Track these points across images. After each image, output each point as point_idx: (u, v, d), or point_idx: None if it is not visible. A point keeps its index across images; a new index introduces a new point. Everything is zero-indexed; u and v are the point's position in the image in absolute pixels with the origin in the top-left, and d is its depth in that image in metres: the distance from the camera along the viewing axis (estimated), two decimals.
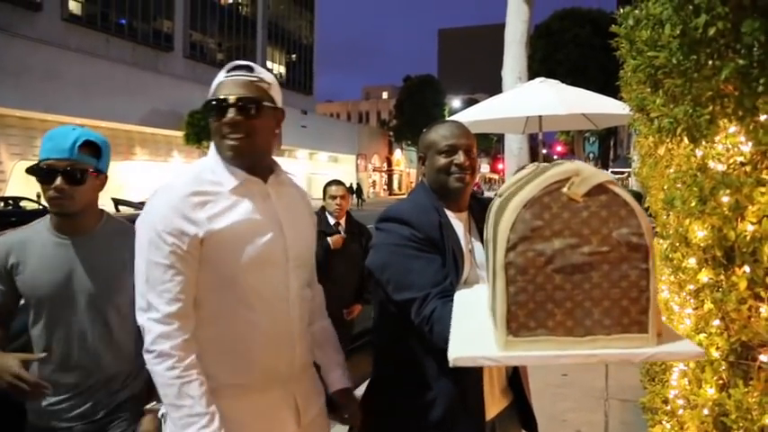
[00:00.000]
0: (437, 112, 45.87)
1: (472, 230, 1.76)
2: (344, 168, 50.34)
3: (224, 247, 1.45)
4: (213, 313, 1.48)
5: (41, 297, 1.75)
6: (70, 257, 1.77)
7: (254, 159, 1.55)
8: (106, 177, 1.85)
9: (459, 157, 1.68)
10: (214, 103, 1.49)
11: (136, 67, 32.40)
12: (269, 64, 49.43)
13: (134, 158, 33.20)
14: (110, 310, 1.80)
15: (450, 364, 1.07)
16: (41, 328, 1.78)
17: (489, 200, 1.74)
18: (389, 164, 63.32)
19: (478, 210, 1.77)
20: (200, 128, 30.62)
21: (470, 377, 1.60)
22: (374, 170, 59.49)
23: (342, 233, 4.04)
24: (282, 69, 51.79)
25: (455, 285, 1.59)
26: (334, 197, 4.03)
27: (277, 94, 1.59)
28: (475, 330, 1.22)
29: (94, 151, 1.78)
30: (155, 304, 1.41)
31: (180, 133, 31.67)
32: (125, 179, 31.69)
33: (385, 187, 61.01)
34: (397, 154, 63.46)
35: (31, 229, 1.84)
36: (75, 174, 1.71)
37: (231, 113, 1.47)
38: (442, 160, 1.70)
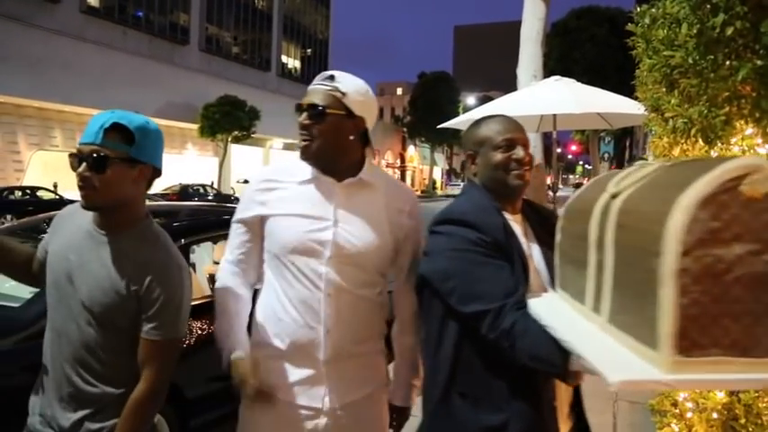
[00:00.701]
0: (451, 110, 45.71)
1: (528, 233, 1.66)
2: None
3: (276, 228, 1.72)
4: (268, 281, 1.80)
5: (52, 279, 1.60)
6: (92, 253, 1.57)
7: (321, 160, 1.70)
8: (150, 169, 1.59)
9: (519, 152, 1.57)
10: (297, 106, 1.73)
11: (152, 60, 32.64)
12: (284, 58, 49.55)
13: None
14: (105, 324, 1.56)
15: (613, 389, 0.94)
16: (51, 311, 1.63)
17: (532, 202, 1.75)
18: (403, 160, 63.28)
19: (529, 211, 1.70)
20: (214, 121, 30.80)
21: (545, 398, 1.50)
22: (387, 166, 59.48)
23: None
24: (297, 64, 51.87)
25: (524, 294, 1.45)
26: None
27: (355, 103, 1.69)
28: (605, 348, 1.06)
29: (125, 137, 1.50)
30: (226, 253, 1.86)
31: (194, 126, 31.86)
32: None
33: None
34: (411, 150, 63.40)
35: (68, 212, 1.72)
36: (97, 160, 1.48)
37: (301, 118, 1.69)
38: (499, 156, 1.57)
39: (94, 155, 1.48)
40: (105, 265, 1.55)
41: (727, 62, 1.38)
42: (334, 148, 1.68)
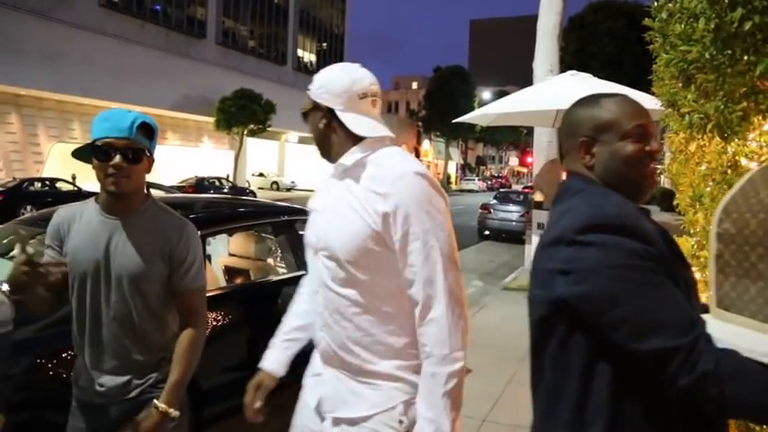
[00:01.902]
0: (466, 104, 45.47)
1: None
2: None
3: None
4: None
5: (79, 272, 1.79)
6: (111, 237, 1.79)
7: (323, 156, 1.70)
8: (153, 160, 1.87)
9: (653, 144, 1.26)
10: None
11: (169, 53, 32.88)
12: (299, 52, 49.60)
13: (165, 143, 33.72)
14: (136, 296, 1.81)
15: None
16: (76, 305, 1.83)
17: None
18: (417, 154, 63.11)
19: None
20: (230, 114, 30.99)
21: None
22: None
23: None
24: (313, 58, 51.91)
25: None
26: None
27: (318, 95, 1.64)
28: None
29: (149, 133, 1.81)
30: None
31: (211, 119, 32.08)
32: (156, 163, 32.23)
33: None
34: (426, 144, 63.25)
35: (82, 205, 1.89)
36: (133, 153, 1.73)
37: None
38: (630, 147, 1.24)
39: (128, 147, 1.71)
40: (133, 241, 1.78)
41: (745, 57, 1.37)
42: (319, 143, 1.69)
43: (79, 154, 1.81)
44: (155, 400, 1.76)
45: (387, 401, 1.50)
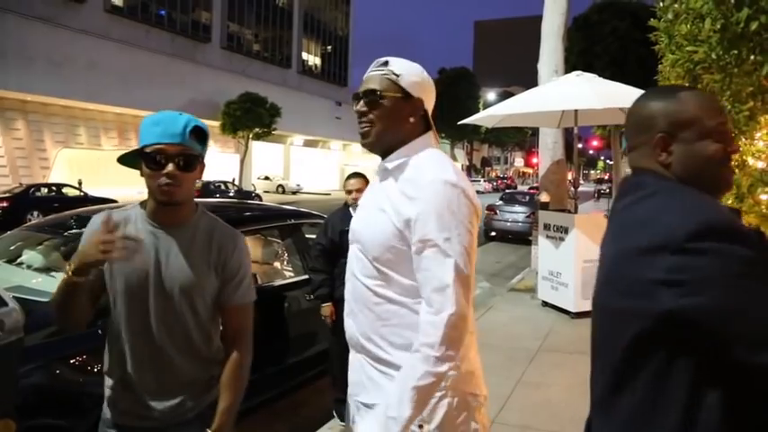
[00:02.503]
0: (471, 105, 45.46)
1: None
2: (378, 160, 50.32)
3: None
4: None
5: (125, 285, 1.63)
6: (160, 249, 1.65)
7: (382, 145, 1.63)
8: (204, 166, 1.72)
9: (734, 144, 1.21)
10: (355, 95, 1.67)
11: (175, 58, 33.06)
12: (304, 55, 49.76)
13: None
14: (188, 310, 1.67)
15: None
16: (122, 319, 1.66)
17: None
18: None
19: None
20: (235, 118, 31.11)
21: None
22: None
23: None
24: (318, 61, 52.04)
25: None
26: (350, 191, 3.94)
27: (411, 84, 1.61)
28: None
29: (202, 138, 1.66)
30: None
31: (216, 123, 32.21)
32: None
33: None
34: None
35: (125, 212, 1.71)
36: (187, 160, 1.58)
37: (359, 105, 1.62)
38: (713, 147, 1.17)
39: (182, 154, 1.58)
40: (185, 253, 1.65)
41: (752, 57, 1.37)
42: (395, 133, 1.61)
43: (125, 160, 1.68)
44: (207, 430, 1.61)
45: None
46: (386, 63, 1.62)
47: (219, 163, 36.00)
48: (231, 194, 26.40)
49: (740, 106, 1.43)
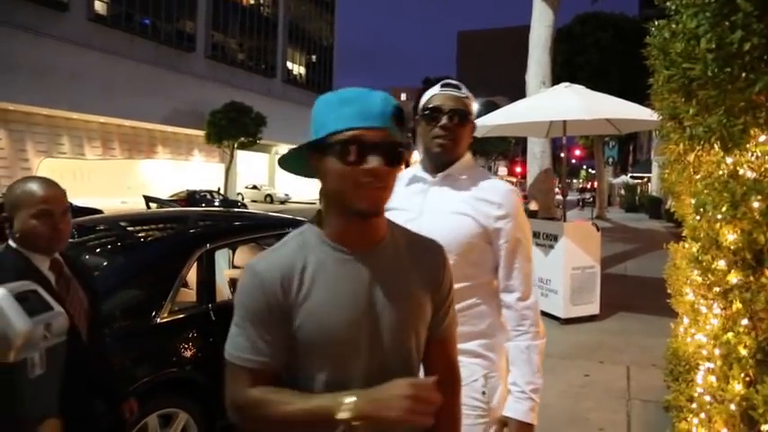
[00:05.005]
0: None
1: None
2: None
3: None
4: None
5: (326, 340, 1.12)
6: (361, 281, 1.15)
7: (451, 159, 1.81)
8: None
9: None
10: (428, 111, 1.81)
11: (158, 67, 32.93)
12: (289, 65, 49.81)
13: (156, 157, 33.71)
14: (413, 354, 1.23)
15: None
16: (319, 384, 1.14)
17: None
18: (407, 165, 63.21)
19: None
20: (220, 127, 31.03)
21: None
22: None
23: None
24: (302, 70, 52.12)
25: None
26: None
27: (474, 109, 1.85)
28: None
29: (402, 121, 1.16)
30: None
31: (201, 132, 32.11)
32: (147, 177, 32.20)
33: None
34: (416, 155, 63.46)
35: (297, 242, 1.18)
36: (393, 150, 1.10)
37: (445, 120, 1.77)
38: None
39: (386, 142, 1.10)
40: (397, 281, 1.20)
41: (744, 75, 1.48)
42: (464, 149, 1.82)
43: (287, 160, 1.22)
44: None
45: (469, 376, 1.68)
46: (457, 86, 1.82)
47: (204, 173, 35.87)
48: (217, 204, 26.29)
49: (734, 120, 1.54)
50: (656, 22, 1.88)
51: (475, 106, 1.94)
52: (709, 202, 1.78)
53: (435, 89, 1.84)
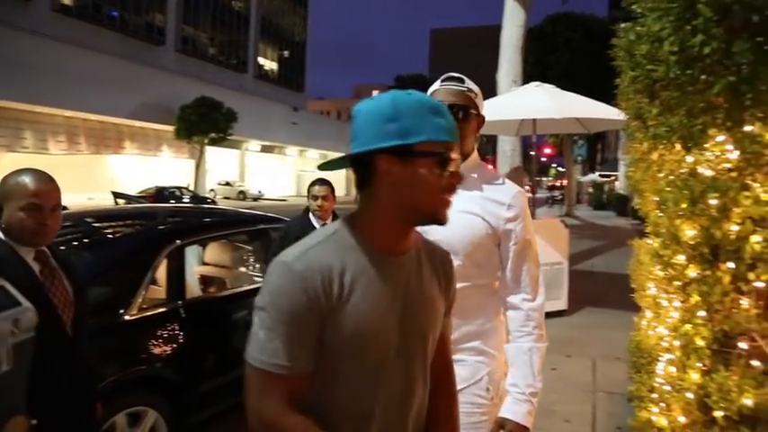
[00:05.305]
0: None
1: None
2: None
3: None
4: None
5: (363, 342, 1.11)
6: (396, 285, 1.16)
7: (461, 155, 1.78)
8: None
9: None
10: None
11: (127, 60, 32.28)
12: (261, 60, 49.35)
13: (123, 152, 33.02)
14: (428, 353, 1.26)
15: None
16: (365, 386, 1.14)
17: None
18: None
19: None
20: (190, 122, 30.58)
21: None
22: None
23: None
24: (274, 66, 51.69)
25: None
26: (315, 197, 3.86)
27: (480, 103, 1.78)
28: None
29: None
30: None
31: (170, 128, 31.58)
32: (115, 172, 31.54)
33: None
34: None
35: (333, 242, 1.14)
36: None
37: None
38: None
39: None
40: (424, 285, 1.23)
41: (704, 77, 1.54)
42: (470, 146, 1.76)
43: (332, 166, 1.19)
44: None
45: (474, 375, 1.72)
46: (461, 80, 1.76)
47: (173, 168, 35.28)
48: (186, 200, 25.92)
49: (694, 120, 1.60)
50: (623, 25, 1.93)
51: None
52: (670, 198, 1.85)
53: (436, 84, 1.79)
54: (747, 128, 1.57)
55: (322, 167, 1.23)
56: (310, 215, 3.87)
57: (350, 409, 1.12)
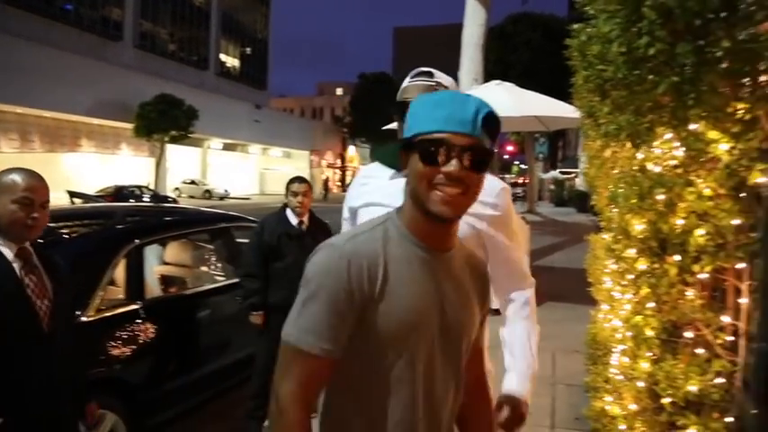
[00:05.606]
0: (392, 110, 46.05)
1: None
2: (298, 164, 50.05)
3: None
4: None
5: (402, 334, 1.13)
6: (438, 282, 1.19)
7: None
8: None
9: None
10: (399, 104, 1.70)
11: (82, 56, 31.30)
12: (222, 56, 48.59)
13: (80, 150, 32.04)
14: (463, 356, 1.27)
15: None
16: (402, 382, 1.16)
17: None
18: (343, 160, 63.33)
19: None
20: (150, 120, 29.88)
21: None
22: (328, 166, 59.39)
23: (304, 230, 3.95)
24: (236, 63, 50.98)
25: None
26: (296, 194, 3.86)
27: None
28: None
29: (493, 132, 1.17)
30: None
31: (129, 125, 30.78)
32: (71, 171, 30.59)
33: (338, 183, 60.98)
34: (351, 150, 63.52)
35: (381, 231, 1.18)
36: (478, 157, 1.12)
37: None
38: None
39: (474, 149, 1.12)
40: (462, 285, 1.25)
41: (650, 77, 1.60)
42: None
43: (384, 155, 1.32)
44: None
45: None
46: (430, 74, 1.71)
47: (133, 167, 34.42)
48: (146, 199, 25.37)
49: (641, 119, 1.66)
50: (575, 26, 1.99)
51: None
52: (621, 194, 1.92)
53: (406, 80, 1.74)
54: (692, 126, 1.64)
55: (377, 157, 1.32)
56: (287, 211, 3.89)
57: (392, 406, 1.14)
